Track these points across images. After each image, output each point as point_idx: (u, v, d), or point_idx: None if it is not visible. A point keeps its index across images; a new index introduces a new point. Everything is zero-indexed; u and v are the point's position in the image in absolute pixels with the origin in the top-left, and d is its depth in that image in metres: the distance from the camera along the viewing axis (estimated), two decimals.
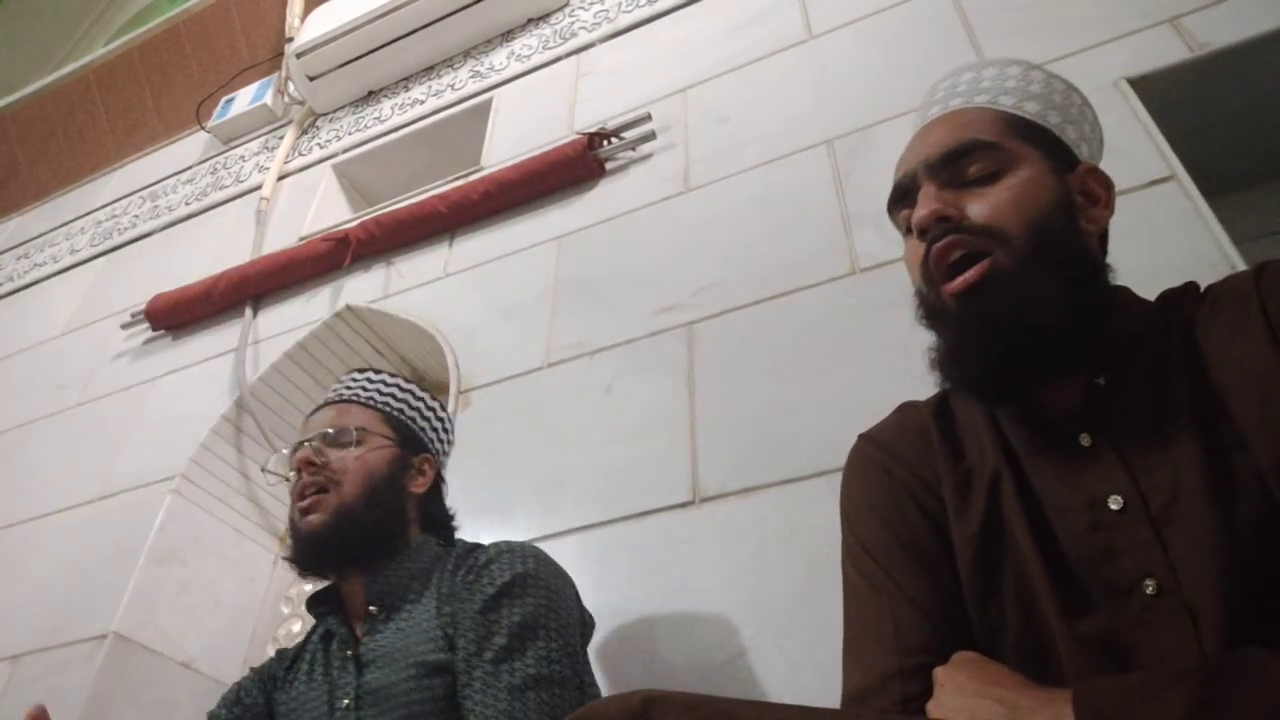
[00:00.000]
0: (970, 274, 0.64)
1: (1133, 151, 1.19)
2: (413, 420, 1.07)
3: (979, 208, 0.66)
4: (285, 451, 1.06)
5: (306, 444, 1.01)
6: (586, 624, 0.95)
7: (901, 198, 0.74)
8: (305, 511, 0.97)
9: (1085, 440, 0.63)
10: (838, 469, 0.79)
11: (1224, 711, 0.43)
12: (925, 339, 0.73)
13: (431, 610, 0.91)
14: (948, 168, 0.69)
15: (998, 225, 0.65)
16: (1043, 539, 0.61)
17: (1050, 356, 0.64)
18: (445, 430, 1.13)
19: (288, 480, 1.04)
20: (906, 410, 0.78)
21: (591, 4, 2.17)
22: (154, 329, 2.07)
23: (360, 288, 1.87)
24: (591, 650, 0.99)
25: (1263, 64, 1.25)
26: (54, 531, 1.77)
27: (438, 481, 1.08)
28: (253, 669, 1.07)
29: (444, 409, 1.14)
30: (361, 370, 1.12)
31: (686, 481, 1.21)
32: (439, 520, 1.06)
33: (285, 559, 1.00)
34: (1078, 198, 0.69)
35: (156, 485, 1.71)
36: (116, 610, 1.51)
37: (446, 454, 1.14)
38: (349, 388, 1.09)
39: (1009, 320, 0.63)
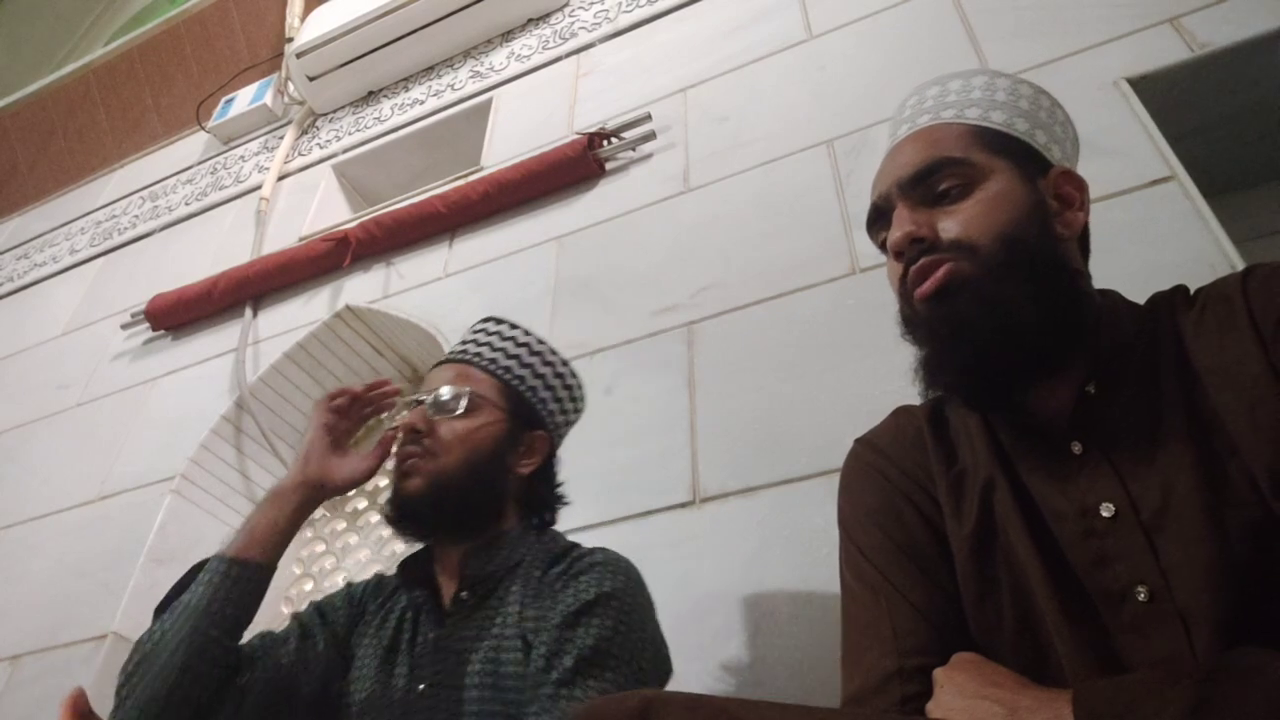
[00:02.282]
0: (933, 279, 0.65)
1: (1133, 151, 1.19)
2: (533, 391, 1.01)
3: (950, 224, 0.67)
4: (407, 400, 1.04)
5: (417, 404, 0.98)
6: (664, 662, 0.90)
7: (878, 219, 0.75)
8: (403, 475, 0.95)
9: (1076, 448, 0.63)
10: (837, 469, 0.79)
11: (1222, 711, 0.44)
12: None
13: (515, 610, 0.88)
14: (918, 187, 0.70)
15: (967, 240, 0.66)
16: (1040, 543, 0.61)
17: (1025, 360, 0.64)
18: (572, 400, 1.06)
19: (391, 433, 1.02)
20: (902, 414, 0.78)
21: (591, 4, 2.17)
22: (154, 329, 2.08)
23: (360, 288, 1.87)
24: None
25: (1263, 64, 1.25)
26: (54, 532, 1.77)
27: (549, 461, 1.03)
28: (348, 585, 1.03)
29: (573, 376, 1.07)
30: (498, 321, 1.07)
31: (687, 481, 1.21)
32: (543, 502, 1.02)
33: (385, 516, 0.97)
34: (1051, 202, 0.69)
35: (156, 485, 1.71)
36: (116, 610, 1.51)
37: (570, 423, 1.08)
38: (480, 343, 1.04)
39: (977, 323, 0.64)
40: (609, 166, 1.73)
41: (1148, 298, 0.69)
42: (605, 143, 1.73)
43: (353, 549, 1.74)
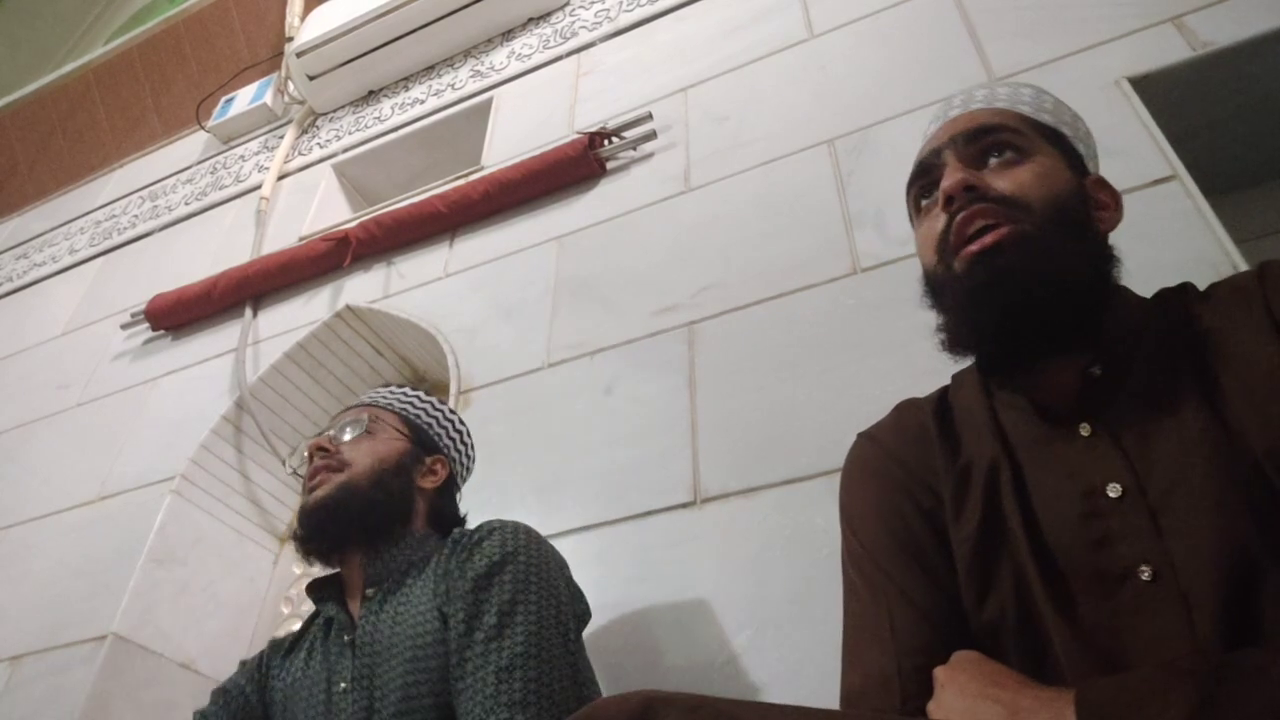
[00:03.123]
0: (989, 237, 0.66)
1: (1134, 151, 1.19)
2: (429, 426, 1.10)
3: (1003, 183, 0.69)
4: (306, 453, 1.09)
5: (321, 434, 1.05)
6: (578, 600, 0.95)
7: (923, 174, 0.75)
8: (311, 490, 1.00)
9: (1084, 430, 0.63)
10: (838, 469, 0.79)
11: (1226, 711, 0.43)
12: (925, 339, 0.74)
13: (428, 592, 0.92)
14: (973, 145, 0.72)
15: (1022, 198, 0.67)
16: (1035, 529, 0.62)
17: (1059, 319, 0.65)
18: (464, 442, 1.14)
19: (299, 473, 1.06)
20: (905, 408, 0.78)
21: (592, 3, 2.17)
22: (154, 329, 2.07)
23: (360, 288, 1.87)
24: (591, 650, 0.99)
25: (1264, 63, 1.25)
26: (54, 532, 1.77)
27: (450, 483, 1.09)
28: (241, 663, 1.07)
29: (464, 426, 1.15)
30: (385, 385, 1.16)
31: (687, 482, 1.21)
32: (448, 517, 1.07)
33: (294, 537, 1.01)
34: (1090, 200, 0.72)
35: (156, 485, 1.71)
36: (116, 611, 1.51)
37: (465, 468, 1.16)
38: (369, 396, 1.13)
39: (1024, 274, 0.64)
40: (609, 166, 1.73)
41: (1154, 293, 0.70)
42: (606, 142, 1.72)
43: None
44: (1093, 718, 0.47)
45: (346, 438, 1.04)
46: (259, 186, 2.33)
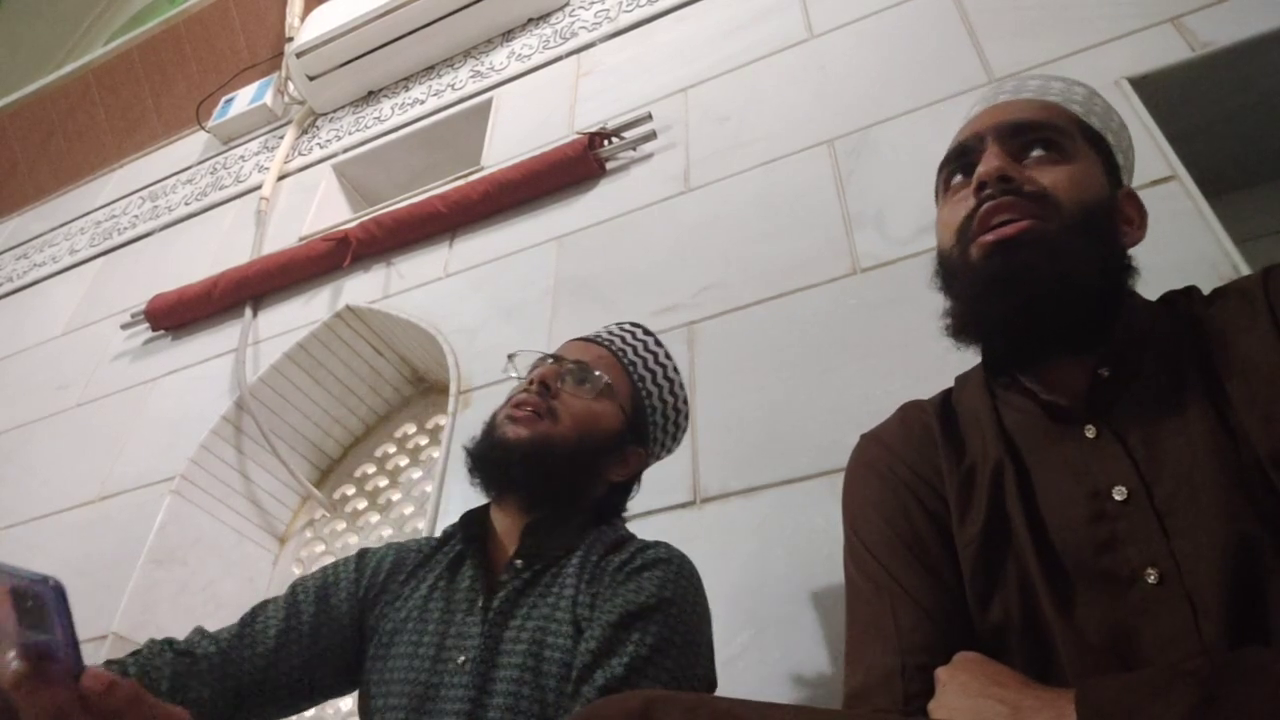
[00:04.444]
0: (1009, 228, 0.66)
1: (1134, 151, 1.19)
2: (653, 412, 1.00)
3: (1040, 180, 0.68)
4: (531, 352, 1.01)
5: (554, 362, 0.97)
6: (711, 675, 0.85)
7: (960, 155, 0.74)
8: (514, 420, 0.92)
9: (1090, 431, 0.63)
10: (839, 469, 0.79)
11: (1227, 710, 0.43)
12: (925, 339, 0.74)
13: (569, 595, 0.85)
14: (1016, 138, 0.71)
15: (1054, 196, 0.67)
16: (1040, 532, 0.62)
17: (1069, 319, 0.65)
18: (675, 440, 1.06)
19: (517, 379, 0.99)
20: (909, 409, 0.78)
21: (592, 4, 2.17)
22: (154, 329, 2.07)
23: (360, 288, 1.87)
24: None
25: (1264, 63, 1.25)
26: (54, 532, 1.77)
27: (635, 478, 1.01)
28: (361, 552, 0.99)
29: (687, 419, 1.06)
30: (648, 333, 1.06)
31: (687, 481, 1.21)
32: (614, 508, 1.00)
33: (467, 451, 0.94)
34: (1119, 212, 0.72)
35: (156, 486, 1.71)
36: (116, 611, 1.51)
37: (661, 457, 1.07)
38: (627, 342, 1.03)
39: (1039, 271, 0.64)
40: (609, 166, 1.73)
41: (1160, 295, 0.70)
42: (606, 142, 1.73)
43: (353, 549, 1.74)
44: (1094, 717, 0.47)
45: (570, 386, 0.95)
46: (259, 187, 2.33)
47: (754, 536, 1.11)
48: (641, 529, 1.19)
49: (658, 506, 1.20)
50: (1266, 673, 0.44)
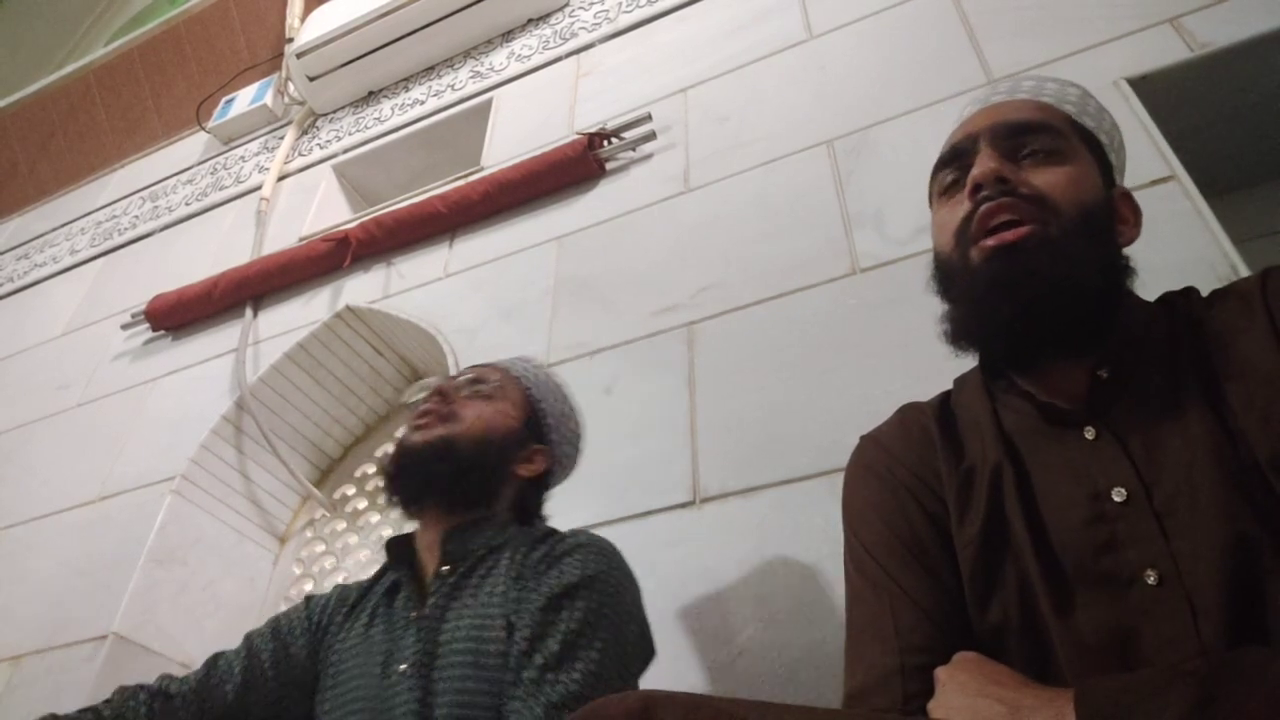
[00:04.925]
0: (1010, 234, 0.65)
1: (1133, 151, 1.18)
2: (545, 416, 1.06)
3: (1035, 181, 0.68)
4: (432, 381, 1.07)
5: (448, 379, 1.04)
6: (648, 644, 0.91)
7: (955, 158, 0.74)
8: (418, 428, 0.98)
9: (1089, 433, 0.63)
10: (838, 469, 0.79)
11: (1225, 710, 0.44)
12: (925, 339, 0.74)
13: (499, 591, 0.88)
14: (1011, 140, 0.71)
15: (1051, 199, 0.67)
16: (1039, 533, 0.62)
17: (1073, 321, 0.65)
18: (574, 446, 1.11)
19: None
20: (908, 411, 0.78)
21: (591, 4, 2.17)
22: (154, 329, 2.08)
23: (360, 288, 1.87)
24: None
25: (1263, 64, 1.25)
26: (54, 532, 1.77)
27: (544, 477, 1.06)
28: (307, 599, 1.04)
29: (581, 431, 1.12)
30: (529, 359, 1.13)
31: (687, 481, 1.21)
32: (531, 511, 1.05)
33: (382, 473, 1.00)
34: (1114, 212, 0.72)
35: (157, 486, 1.71)
36: (117, 611, 1.51)
37: (565, 471, 1.12)
38: (512, 360, 1.10)
39: (1041, 274, 0.64)
40: (609, 166, 1.73)
41: (1158, 296, 0.70)
42: (605, 143, 1.73)
43: (353, 549, 1.74)
44: (1093, 716, 0.47)
45: (466, 392, 1.01)
46: (259, 187, 2.33)
47: (754, 536, 1.11)
48: (641, 529, 1.19)
49: (657, 506, 1.20)
50: (1264, 672, 0.44)
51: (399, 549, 1.00)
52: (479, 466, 0.97)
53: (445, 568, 0.93)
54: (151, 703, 0.93)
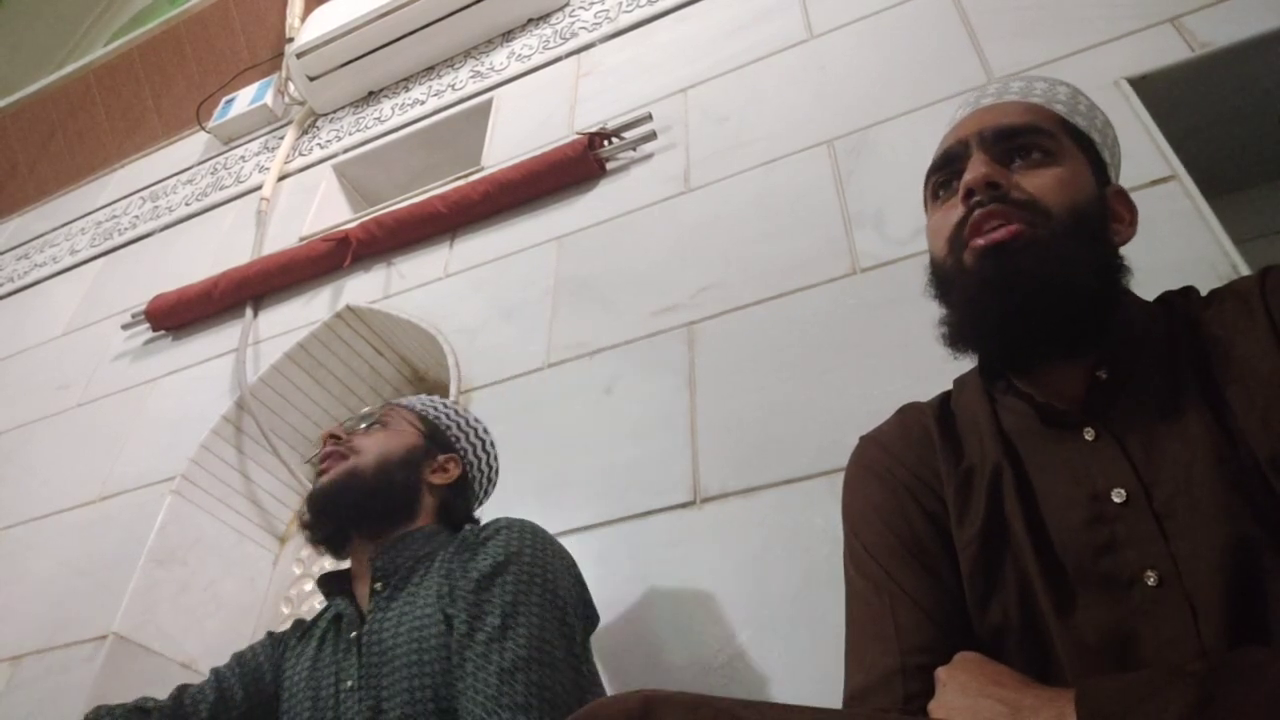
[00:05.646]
0: (999, 233, 0.65)
1: (1133, 151, 1.19)
2: (446, 426, 1.10)
3: (1027, 184, 0.68)
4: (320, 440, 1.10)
5: (338, 425, 1.08)
6: (588, 605, 0.95)
7: (946, 164, 0.74)
8: (319, 474, 1.02)
9: (1089, 434, 0.63)
10: (838, 469, 0.79)
11: (1225, 710, 0.44)
12: (925, 339, 0.74)
13: (433, 592, 0.92)
14: (1001, 144, 0.71)
15: (1042, 202, 0.67)
16: (1039, 534, 0.62)
17: (1064, 323, 0.64)
18: (485, 450, 1.14)
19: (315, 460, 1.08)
20: (908, 411, 0.78)
21: (592, 4, 2.17)
22: (154, 329, 2.08)
23: (360, 288, 1.87)
24: (593, 650, 0.99)
25: (1263, 64, 1.25)
26: (54, 532, 1.77)
27: (463, 482, 1.08)
28: (269, 633, 1.09)
29: (487, 435, 1.15)
30: (420, 396, 1.17)
31: (687, 482, 1.21)
32: (459, 515, 1.08)
33: (301, 524, 1.03)
34: (1108, 211, 0.72)
35: (157, 486, 1.71)
36: (117, 611, 1.51)
37: (485, 475, 1.14)
38: (393, 401, 1.15)
39: (1033, 275, 0.64)
40: (609, 166, 1.73)
41: (1157, 296, 0.70)
42: (606, 143, 1.73)
43: None
44: (1093, 716, 0.47)
45: (360, 428, 1.06)
46: (259, 187, 2.33)
47: (754, 536, 1.11)
48: (641, 529, 1.19)
49: (657, 506, 1.20)
50: (1264, 672, 0.44)
51: (332, 583, 1.04)
52: (388, 486, 1.01)
53: (378, 584, 0.97)
54: (129, 718, 0.97)
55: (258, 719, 1.01)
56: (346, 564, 1.06)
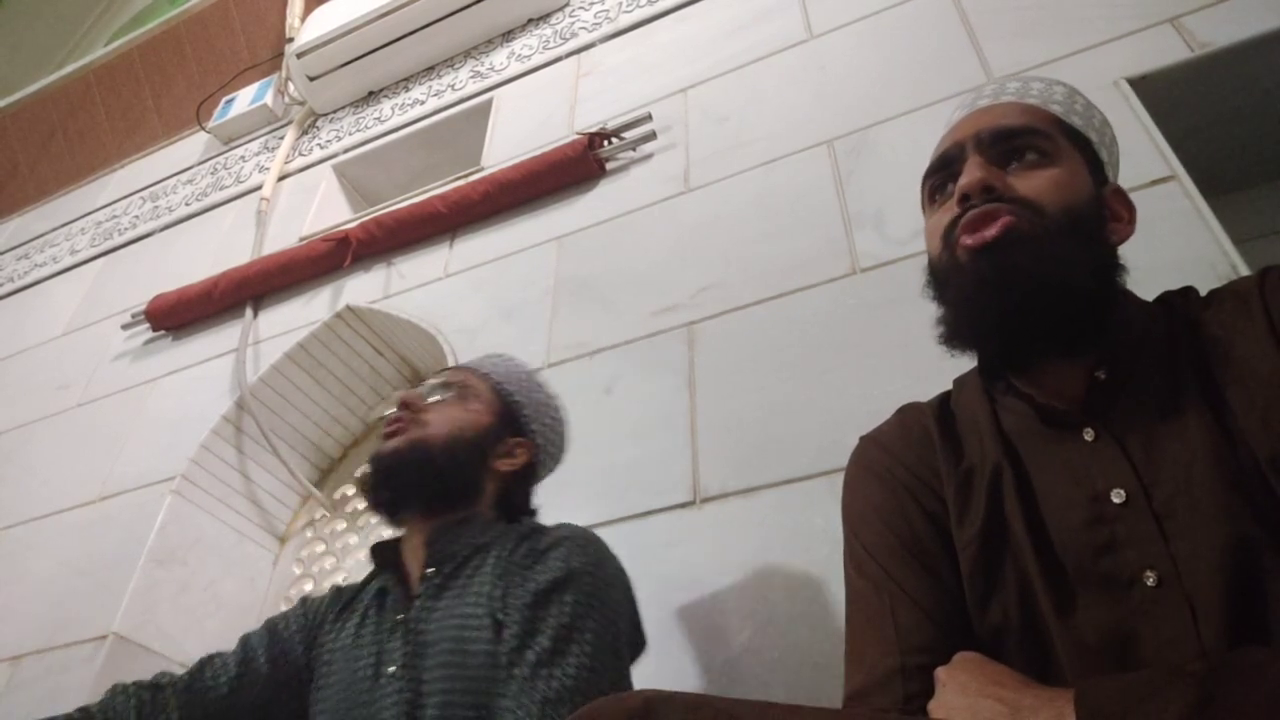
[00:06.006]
0: (992, 229, 0.65)
1: (1133, 151, 1.19)
2: (522, 407, 1.05)
3: (1022, 186, 0.68)
4: (398, 394, 1.07)
5: (413, 388, 1.03)
6: (638, 631, 0.91)
7: (943, 166, 0.74)
8: (386, 437, 0.98)
9: (1089, 434, 0.63)
10: (838, 469, 0.79)
11: (1224, 709, 0.44)
12: (925, 339, 0.74)
13: (485, 590, 0.88)
14: (997, 146, 0.71)
15: (1037, 201, 0.67)
16: (1040, 535, 0.62)
17: (1061, 322, 0.64)
18: (556, 433, 1.10)
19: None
20: (908, 412, 0.78)
21: (592, 4, 2.17)
22: (154, 329, 2.08)
23: (360, 288, 1.87)
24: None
25: (1263, 64, 1.25)
26: (54, 532, 1.77)
27: (528, 469, 1.05)
28: (303, 600, 1.05)
29: (560, 415, 1.10)
30: (500, 356, 1.12)
31: (687, 482, 1.21)
32: (518, 505, 1.04)
33: (360, 486, 1.01)
34: (1106, 210, 0.72)
35: (157, 486, 1.71)
36: (117, 611, 1.51)
37: (553, 458, 1.10)
38: (478, 360, 1.09)
39: (1028, 272, 0.64)
40: (609, 166, 1.73)
41: (1157, 296, 0.70)
42: (606, 143, 1.73)
43: (353, 549, 1.74)
44: (1093, 716, 0.47)
45: (434, 399, 1.01)
46: (259, 187, 2.33)
47: (753, 536, 1.11)
48: (641, 528, 1.19)
49: (657, 506, 1.20)
50: (1263, 672, 0.44)
51: (384, 554, 1.01)
52: (453, 467, 0.97)
53: (430, 569, 0.94)
54: (141, 694, 0.94)
55: (283, 693, 0.97)
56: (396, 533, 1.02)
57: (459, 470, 0.97)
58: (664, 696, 0.53)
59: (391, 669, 0.87)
